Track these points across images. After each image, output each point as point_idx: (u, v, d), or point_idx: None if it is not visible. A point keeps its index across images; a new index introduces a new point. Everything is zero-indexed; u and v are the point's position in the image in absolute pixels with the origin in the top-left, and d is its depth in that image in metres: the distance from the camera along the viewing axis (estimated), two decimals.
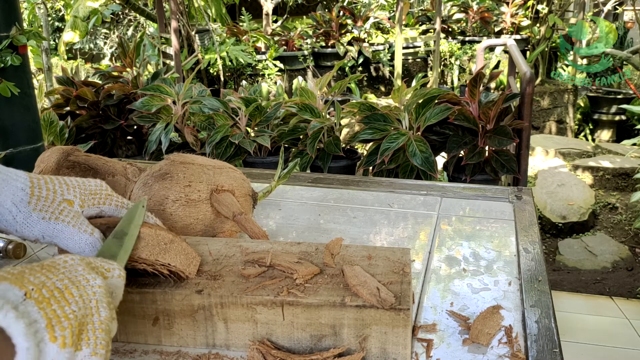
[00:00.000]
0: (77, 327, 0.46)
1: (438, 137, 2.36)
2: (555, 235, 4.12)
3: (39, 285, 0.46)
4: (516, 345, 0.68)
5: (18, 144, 1.92)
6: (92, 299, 0.49)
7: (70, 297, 0.47)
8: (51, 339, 0.44)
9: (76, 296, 0.48)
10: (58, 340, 0.44)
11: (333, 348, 0.65)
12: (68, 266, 0.51)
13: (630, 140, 4.50)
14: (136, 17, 8.02)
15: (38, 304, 0.45)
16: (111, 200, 0.70)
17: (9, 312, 0.42)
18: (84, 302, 0.48)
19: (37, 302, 0.45)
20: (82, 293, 0.49)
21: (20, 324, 0.42)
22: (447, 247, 0.99)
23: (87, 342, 0.47)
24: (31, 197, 0.62)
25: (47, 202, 0.62)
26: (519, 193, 1.24)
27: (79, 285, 0.49)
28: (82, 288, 0.49)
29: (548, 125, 6.24)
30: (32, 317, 0.44)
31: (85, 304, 0.48)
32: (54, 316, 0.45)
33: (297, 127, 2.45)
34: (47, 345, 0.44)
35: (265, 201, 1.18)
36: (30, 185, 0.63)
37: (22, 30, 1.85)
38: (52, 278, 0.48)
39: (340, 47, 5.87)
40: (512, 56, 2.84)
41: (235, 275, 0.69)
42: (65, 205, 0.64)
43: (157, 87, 2.48)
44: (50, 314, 0.45)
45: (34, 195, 0.62)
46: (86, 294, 0.49)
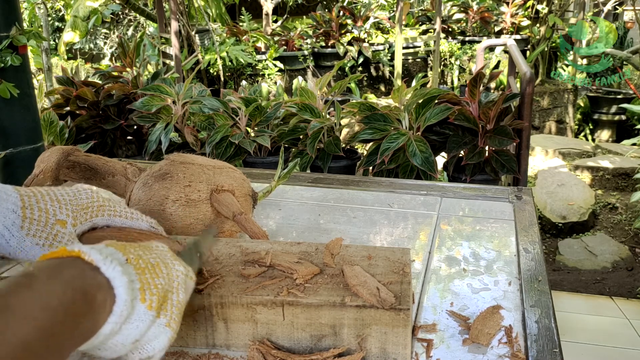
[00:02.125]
0: (162, 297, 0.53)
1: (438, 137, 2.36)
2: (555, 235, 4.12)
3: (137, 256, 0.53)
4: (516, 345, 0.68)
5: (18, 144, 1.92)
6: (175, 280, 0.56)
7: (159, 272, 0.54)
8: (142, 300, 0.51)
9: (164, 273, 0.55)
10: (147, 302, 0.51)
11: (333, 348, 0.65)
12: (159, 250, 0.58)
13: (630, 140, 4.50)
14: (136, 17, 8.02)
15: (136, 269, 0.52)
16: (103, 210, 0.71)
17: (117, 267, 0.49)
18: (169, 280, 0.55)
19: (135, 267, 0.52)
20: (169, 272, 0.56)
21: (124, 278, 0.49)
22: (447, 247, 0.99)
23: (165, 313, 0.53)
24: (23, 221, 0.61)
25: (39, 226, 0.62)
26: (519, 193, 1.24)
27: (167, 265, 0.56)
28: (169, 268, 0.56)
29: (548, 125, 6.24)
30: (132, 277, 0.51)
31: (169, 282, 0.55)
32: (146, 282, 0.52)
33: (297, 127, 2.45)
34: (138, 304, 0.51)
35: (265, 201, 1.18)
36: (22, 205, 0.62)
37: (22, 30, 1.85)
38: (147, 254, 0.55)
39: (340, 47, 5.87)
40: (512, 56, 2.84)
41: (235, 275, 0.69)
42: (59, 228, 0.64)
43: (157, 87, 2.48)
44: (143, 280, 0.52)
45: (26, 218, 0.62)
46: (171, 274, 0.56)
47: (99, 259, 0.49)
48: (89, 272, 0.48)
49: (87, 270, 0.48)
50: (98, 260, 0.49)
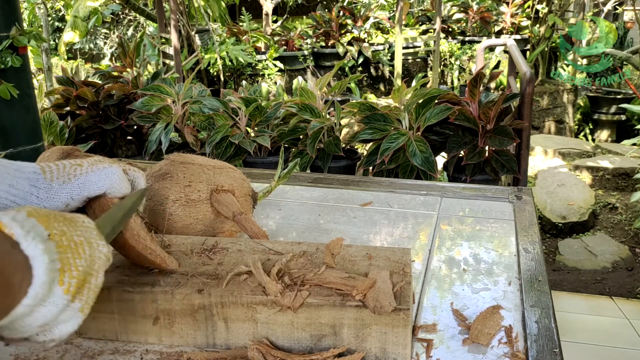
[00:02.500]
0: (81, 281, 0.50)
1: (438, 137, 2.36)
2: (555, 235, 4.12)
3: (60, 232, 0.50)
4: (516, 345, 0.68)
5: (18, 144, 1.92)
6: (96, 263, 0.53)
7: (82, 252, 0.51)
8: (60, 282, 0.48)
9: (87, 254, 0.52)
10: (65, 285, 0.48)
11: (333, 348, 0.65)
12: (85, 226, 0.54)
13: (630, 140, 4.50)
14: (136, 17, 8.02)
15: (58, 246, 0.49)
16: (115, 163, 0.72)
17: (39, 244, 0.46)
18: (91, 262, 0.52)
19: (57, 245, 0.49)
20: (92, 253, 0.53)
21: (45, 258, 0.46)
22: (447, 247, 0.99)
23: (81, 297, 0.51)
24: (44, 174, 0.65)
25: (59, 172, 0.65)
26: (519, 193, 1.24)
27: (91, 245, 0.53)
28: (92, 249, 0.53)
29: (548, 125, 6.24)
30: (53, 256, 0.48)
31: (91, 265, 0.52)
32: (67, 263, 0.49)
33: (297, 127, 2.45)
34: (56, 287, 0.48)
35: (265, 201, 1.18)
36: (40, 167, 0.66)
37: (22, 30, 1.85)
38: (72, 231, 0.52)
39: (340, 47, 5.87)
40: (512, 56, 2.84)
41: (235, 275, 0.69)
42: (77, 167, 0.67)
43: (157, 87, 2.48)
44: (64, 260, 0.49)
45: (46, 172, 0.65)
46: (94, 255, 0.53)
47: (19, 233, 0.46)
48: (7, 248, 0.45)
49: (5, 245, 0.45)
50: (19, 235, 0.46)
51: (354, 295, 0.64)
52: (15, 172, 0.64)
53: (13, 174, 0.63)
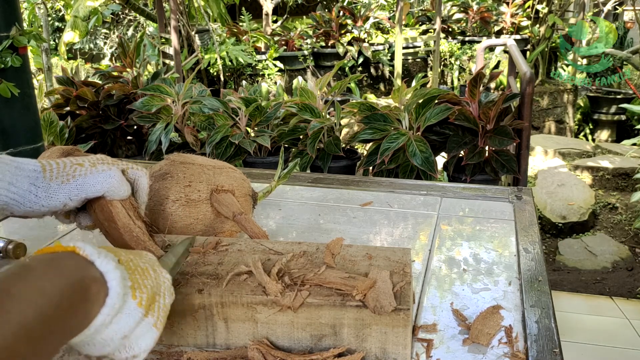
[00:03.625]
0: (150, 297, 0.55)
1: (438, 137, 2.36)
2: (555, 235, 4.12)
3: (128, 259, 0.56)
4: (516, 345, 0.68)
5: (18, 144, 1.92)
6: (162, 285, 0.58)
7: (148, 275, 0.57)
8: (133, 297, 0.53)
9: (152, 277, 0.57)
10: (137, 299, 0.53)
11: (333, 348, 0.65)
12: (149, 258, 0.60)
13: (630, 140, 4.50)
14: (136, 17, 8.01)
15: (127, 269, 0.54)
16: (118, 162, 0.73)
17: (110, 261, 0.52)
18: (157, 284, 0.57)
19: (126, 267, 0.54)
20: (157, 277, 0.58)
21: (117, 272, 0.52)
22: (447, 247, 0.99)
23: (153, 313, 0.55)
24: (44, 173, 0.66)
25: (59, 171, 0.67)
26: (519, 193, 1.24)
27: (155, 271, 0.58)
28: (157, 274, 0.58)
29: (548, 125, 6.24)
30: (124, 274, 0.53)
31: (157, 286, 0.57)
32: (136, 281, 0.54)
33: (297, 127, 2.45)
34: (129, 300, 0.53)
35: (265, 201, 1.18)
36: (41, 165, 0.67)
37: (22, 30, 1.85)
38: (137, 259, 0.58)
39: (340, 47, 5.87)
40: (512, 56, 2.84)
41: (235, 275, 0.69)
42: (77, 167, 0.68)
43: (157, 87, 2.48)
44: (134, 279, 0.54)
45: (46, 170, 0.66)
46: (159, 279, 0.58)
47: (93, 253, 0.51)
48: (84, 265, 0.50)
49: (82, 263, 0.51)
50: (92, 255, 0.51)
51: (354, 295, 0.64)
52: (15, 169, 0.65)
53: (13, 172, 0.64)
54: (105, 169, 0.69)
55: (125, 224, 0.72)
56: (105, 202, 0.70)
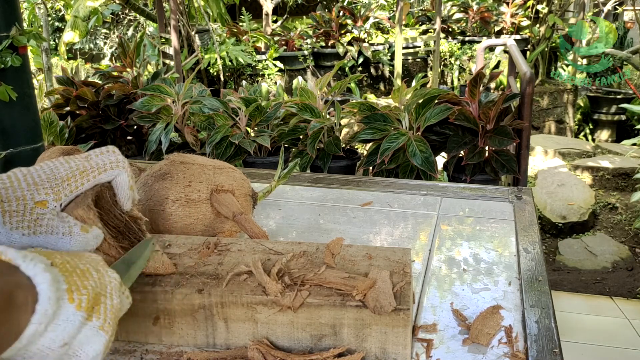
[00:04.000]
0: (92, 299, 0.50)
1: (438, 137, 2.36)
2: (555, 235, 4.12)
3: (63, 261, 0.51)
4: (516, 345, 0.68)
5: (18, 144, 1.92)
6: (108, 285, 0.53)
7: (89, 275, 0.51)
8: (69, 300, 0.48)
9: (95, 277, 0.52)
10: (75, 301, 0.48)
11: (333, 348, 0.65)
12: (91, 258, 0.55)
13: (630, 140, 4.50)
14: (136, 17, 8.02)
15: (61, 271, 0.49)
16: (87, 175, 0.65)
17: (38, 264, 0.47)
18: (101, 284, 0.52)
19: (61, 269, 0.49)
20: (101, 277, 0.53)
21: (47, 275, 0.46)
22: (447, 247, 0.99)
23: (98, 316, 0.50)
24: (4, 216, 0.59)
25: (19, 216, 0.59)
26: (519, 193, 1.24)
27: (99, 271, 0.53)
28: (100, 274, 0.53)
29: (548, 125, 6.24)
30: (57, 277, 0.48)
31: (102, 286, 0.52)
32: (74, 283, 0.49)
33: (297, 127, 2.45)
34: (66, 304, 0.48)
35: (265, 201, 1.18)
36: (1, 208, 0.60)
37: (22, 30, 1.85)
38: (76, 261, 0.52)
39: (340, 47, 5.87)
40: (512, 56, 2.84)
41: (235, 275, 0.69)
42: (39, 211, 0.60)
43: (157, 87, 2.48)
44: (71, 281, 0.49)
45: (5, 212, 0.59)
46: (104, 279, 0.53)
47: (16, 257, 0.46)
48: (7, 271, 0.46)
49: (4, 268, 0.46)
50: (16, 259, 0.46)
51: (354, 295, 0.64)
52: None
53: None
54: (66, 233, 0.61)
55: None
56: None
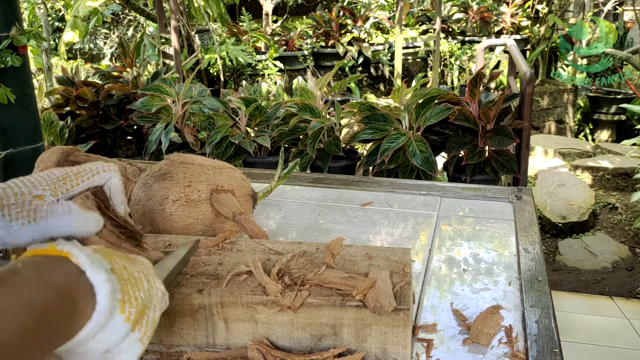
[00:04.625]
0: (139, 312, 0.53)
1: (438, 137, 2.36)
2: (555, 235, 4.12)
3: (122, 266, 0.53)
4: (516, 345, 0.68)
5: (18, 144, 1.92)
6: (154, 297, 0.56)
7: (141, 286, 0.54)
8: (121, 311, 0.51)
9: (145, 288, 0.55)
10: (125, 313, 0.51)
11: (333, 348, 0.65)
12: (144, 265, 0.57)
13: (630, 140, 4.50)
14: (136, 17, 8.02)
15: (119, 279, 0.52)
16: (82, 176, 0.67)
17: (102, 274, 0.49)
18: (149, 296, 0.55)
19: (119, 277, 0.52)
20: (150, 288, 0.55)
21: (107, 286, 0.49)
22: (447, 247, 0.99)
23: (140, 328, 0.53)
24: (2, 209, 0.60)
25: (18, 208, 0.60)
26: (519, 193, 1.24)
27: (149, 281, 0.56)
28: (150, 285, 0.56)
29: (548, 125, 6.24)
30: (115, 287, 0.51)
31: (149, 298, 0.55)
32: (127, 294, 0.52)
33: (297, 127, 2.45)
34: (117, 314, 0.50)
35: (265, 201, 1.18)
36: None
37: (22, 30, 1.85)
38: (132, 267, 0.55)
39: (340, 47, 5.87)
40: (512, 56, 2.84)
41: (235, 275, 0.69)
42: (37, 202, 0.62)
43: (157, 87, 2.48)
44: (125, 291, 0.52)
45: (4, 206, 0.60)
46: (152, 291, 0.56)
47: (85, 262, 0.49)
48: (75, 275, 0.49)
49: (73, 272, 0.49)
50: (85, 264, 0.49)
51: (354, 295, 0.64)
52: None
53: None
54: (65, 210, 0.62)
55: None
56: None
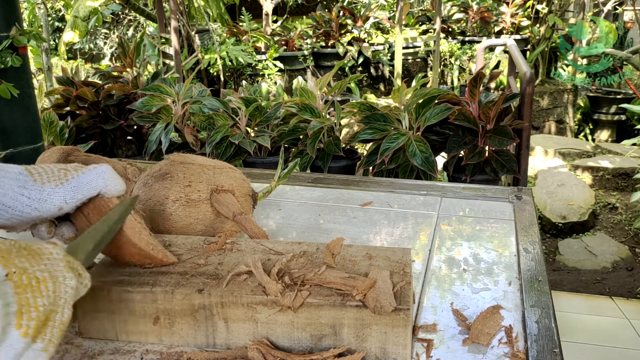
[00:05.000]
0: (42, 321, 0.48)
1: (438, 137, 2.36)
2: (555, 235, 4.12)
3: (21, 270, 0.48)
4: (516, 345, 0.68)
5: (18, 144, 1.92)
6: (62, 298, 0.51)
7: (45, 290, 0.49)
8: (17, 326, 0.46)
9: (50, 290, 0.49)
10: (22, 328, 0.46)
11: (333, 348, 0.65)
12: (52, 258, 0.52)
13: (630, 140, 4.50)
14: (136, 17, 8.02)
15: (16, 287, 0.46)
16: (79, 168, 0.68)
17: None
18: (55, 299, 0.50)
19: (16, 285, 0.46)
20: (56, 289, 0.50)
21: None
22: (447, 247, 0.99)
23: (43, 337, 0.48)
24: (32, 176, 0.62)
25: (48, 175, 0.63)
26: (519, 193, 1.24)
27: (56, 280, 0.50)
28: (57, 284, 0.50)
29: (548, 125, 6.24)
30: (8, 300, 0.45)
31: (55, 301, 0.50)
32: (25, 304, 0.47)
33: (297, 127, 2.45)
34: (12, 330, 0.45)
35: (265, 201, 1.18)
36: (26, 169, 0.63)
37: (22, 30, 1.85)
38: (35, 266, 0.49)
39: (340, 47, 5.87)
40: (512, 56, 2.84)
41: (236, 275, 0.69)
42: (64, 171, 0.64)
43: (157, 87, 2.48)
44: (23, 301, 0.47)
45: (34, 175, 0.62)
46: (59, 291, 0.50)
47: None
48: None
49: None
50: None
51: (354, 295, 0.64)
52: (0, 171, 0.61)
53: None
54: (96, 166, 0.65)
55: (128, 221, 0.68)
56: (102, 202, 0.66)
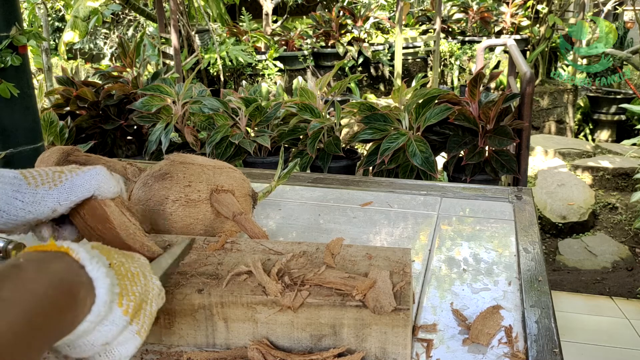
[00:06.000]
0: (137, 305, 0.55)
1: (438, 137, 2.36)
2: (555, 235, 4.12)
3: (119, 262, 0.56)
4: (516, 345, 0.68)
5: (18, 144, 1.92)
6: (151, 292, 0.58)
7: (138, 281, 0.56)
8: (119, 304, 0.53)
9: (142, 283, 0.57)
10: (124, 307, 0.53)
11: (333, 348, 0.65)
12: (142, 261, 0.60)
13: (630, 140, 4.50)
14: (136, 17, 8.01)
15: (117, 274, 0.54)
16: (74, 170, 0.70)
17: (101, 268, 0.52)
18: (145, 291, 0.57)
19: (117, 272, 0.54)
20: (147, 283, 0.58)
21: (107, 280, 0.51)
22: (447, 247, 0.99)
23: (138, 321, 0.55)
24: (27, 180, 0.63)
25: (42, 177, 0.64)
26: (519, 193, 1.24)
27: (145, 277, 0.58)
28: (147, 280, 0.58)
29: (548, 125, 6.24)
30: (113, 281, 0.53)
31: (145, 293, 0.57)
32: (124, 288, 0.54)
33: (297, 127, 2.45)
34: (115, 308, 0.53)
35: (265, 201, 1.18)
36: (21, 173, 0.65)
37: (22, 30, 1.85)
38: (129, 263, 0.57)
39: (340, 47, 5.87)
40: (512, 56, 2.84)
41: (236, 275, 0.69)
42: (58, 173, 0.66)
43: (157, 87, 2.48)
44: (122, 285, 0.54)
45: (28, 178, 0.64)
46: (148, 286, 0.58)
47: (85, 257, 0.51)
48: (75, 269, 0.50)
49: (73, 267, 0.50)
50: (84, 259, 0.51)
51: (354, 295, 0.64)
52: None
53: None
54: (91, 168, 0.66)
55: (121, 223, 0.69)
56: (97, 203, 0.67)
